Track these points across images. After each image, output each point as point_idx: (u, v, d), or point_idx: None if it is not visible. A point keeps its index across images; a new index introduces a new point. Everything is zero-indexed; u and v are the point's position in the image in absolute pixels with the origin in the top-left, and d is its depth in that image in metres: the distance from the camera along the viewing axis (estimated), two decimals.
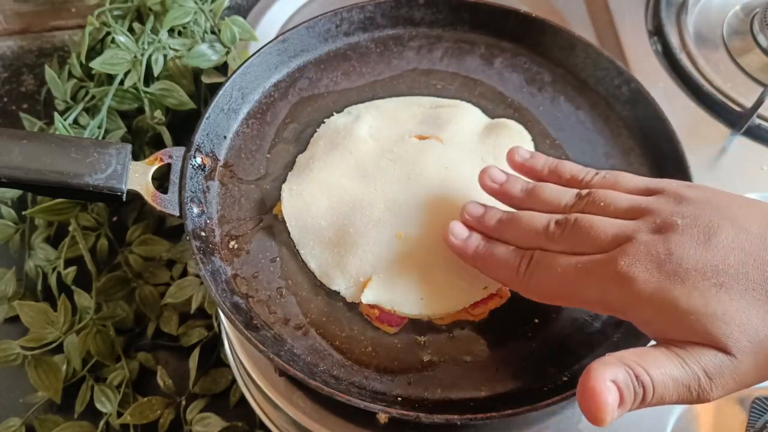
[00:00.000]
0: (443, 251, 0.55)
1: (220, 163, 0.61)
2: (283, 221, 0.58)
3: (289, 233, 0.58)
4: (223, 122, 0.62)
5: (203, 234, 0.57)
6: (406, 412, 0.48)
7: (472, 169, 0.60)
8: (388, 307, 0.54)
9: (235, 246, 0.57)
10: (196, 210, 0.57)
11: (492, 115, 0.65)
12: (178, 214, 0.56)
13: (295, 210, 0.58)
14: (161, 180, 0.59)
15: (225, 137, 0.62)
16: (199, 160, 0.59)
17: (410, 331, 0.54)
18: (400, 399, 0.51)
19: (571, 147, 0.64)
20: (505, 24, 0.69)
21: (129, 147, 0.56)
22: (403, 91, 0.67)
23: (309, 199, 0.59)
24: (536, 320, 0.55)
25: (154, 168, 0.57)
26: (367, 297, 0.54)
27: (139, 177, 0.56)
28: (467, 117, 0.64)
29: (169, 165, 0.58)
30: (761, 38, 0.74)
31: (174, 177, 0.57)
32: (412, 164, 0.60)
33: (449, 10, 0.70)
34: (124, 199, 0.56)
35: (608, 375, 0.40)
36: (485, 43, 0.70)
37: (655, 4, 0.79)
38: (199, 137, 0.59)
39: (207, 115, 0.60)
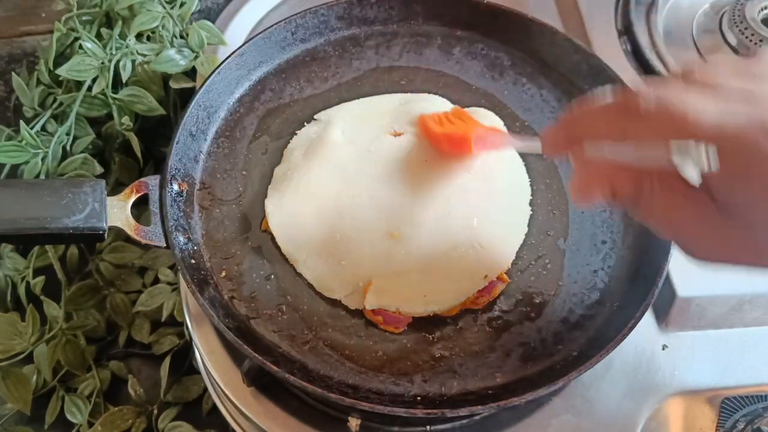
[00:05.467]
0: (439, 245, 0.55)
1: (197, 186, 0.60)
2: (272, 237, 0.57)
3: (279, 248, 0.57)
4: (194, 144, 0.61)
5: (193, 261, 0.55)
6: (430, 411, 0.48)
7: (452, 160, 0.60)
8: (393, 308, 0.54)
9: (227, 268, 0.56)
10: (182, 239, 0.55)
11: (460, 105, 0.65)
12: (165, 246, 0.54)
13: (282, 224, 0.57)
14: (138, 208, 0.57)
15: (197, 159, 0.61)
16: (176, 186, 0.57)
17: (417, 328, 0.54)
18: (419, 398, 0.51)
19: (540, 126, 0.65)
20: (458, 13, 0.70)
21: (103, 183, 0.54)
22: (368, 91, 0.67)
23: (294, 211, 0.58)
24: (537, 300, 0.56)
25: (131, 201, 0.55)
26: (371, 302, 0.53)
27: (118, 212, 0.54)
28: (437, 109, 0.64)
29: (146, 195, 0.56)
30: (730, 36, 0.75)
31: (154, 207, 0.55)
32: (392, 161, 0.60)
33: (401, 5, 0.70)
34: (105, 237, 0.54)
35: None
36: (441, 34, 0.70)
37: (624, 4, 0.79)
38: (172, 163, 0.58)
39: (176, 139, 0.59)
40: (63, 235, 0.52)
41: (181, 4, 0.78)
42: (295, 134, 0.63)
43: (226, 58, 0.64)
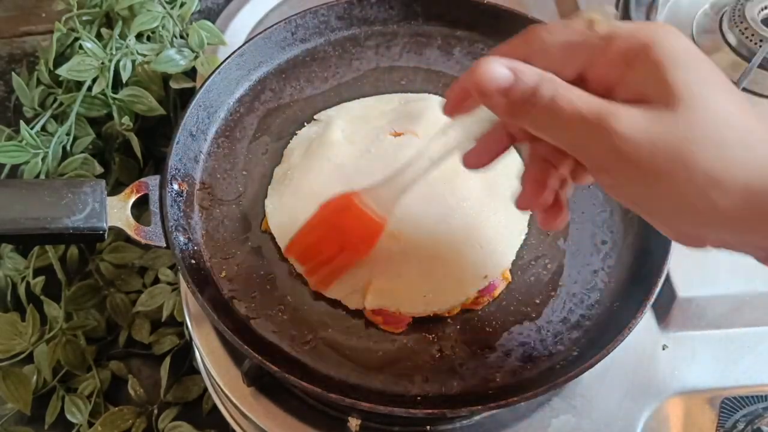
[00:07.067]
0: (440, 245, 0.55)
1: (197, 186, 0.60)
2: (272, 237, 0.57)
3: (279, 248, 0.57)
4: (194, 144, 0.61)
5: (193, 261, 0.55)
6: (430, 411, 0.48)
7: (452, 160, 0.60)
8: (393, 309, 0.54)
9: (227, 268, 0.56)
10: (182, 239, 0.55)
11: None
12: (165, 246, 0.54)
13: (282, 224, 0.57)
14: (138, 208, 0.57)
15: (197, 159, 0.61)
16: (176, 186, 0.57)
17: (417, 328, 0.54)
18: (419, 398, 0.51)
19: None
20: (458, 13, 0.70)
21: (103, 183, 0.54)
22: (369, 91, 0.67)
23: (294, 211, 0.58)
24: (537, 300, 0.56)
25: (131, 201, 0.55)
26: (371, 302, 0.53)
27: (118, 212, 0.54)
28: (437, 109, 0.63)
29: (146, 195, 0.56)
30: (730, 37, 0.74)
31: (154, 207, 0.55)
32: (392, 162, 0.59)
33: (401, 5, 0.70)
34: (105, 238, 0.54)
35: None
36: (441, 34, 0.70)
37: (624, 4, 0.79)
38: (172, 163, 0.58)
39: (176, 139, 0.59)
40: (63, 235, 0.52)
41: (181, 4, 0.78)
42: (295, 134, 0.63)
43: (226, 58, 0.64)
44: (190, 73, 0.76)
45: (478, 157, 0.46)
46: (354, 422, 0.53)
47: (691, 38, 0.78)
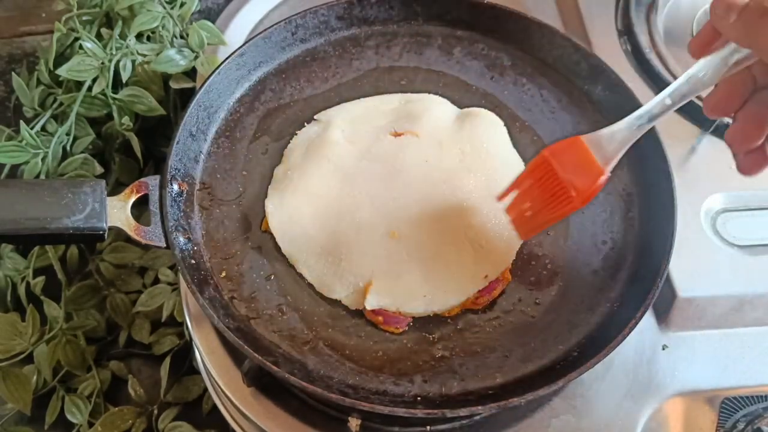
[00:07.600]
0: (440, 245, 0.55)
1: (197, 187, 0.60)
2: (272, 237, 0.57)
3: (279, 248, 0.57)
4: (194, 145, 0.61)
5: (193, 261, 0.55)
6: (430, 411, 0.48)
7: (452, 160, 0.61)
8: (393, 309, 0.54)
9: (227, 268, 0.56)
10: (182, 239, 0.55)
11: (460, 105, 0.66)
12: (165, 246, 0.54)
13: (282, 224, 0.57)
14: (138, 208, 0.57)
15: (197, 159, 0.61)
16: (176, 187, 0.57)
17: (418, 328, 0.54)
18: (419, 399, 0.51)
19: (540, 126, 0.65)
20: (458, 13, 0.70)
21: (103, 183, 0.54)
22: (369, 91, 0.67)
23: (294, 211, 0.58)
24: (537, 301, 0.56)
25: (131, 201, 0.55)
26: (371, 302, 0.53)
27: (117, 212, 0.54)
28: (438, 109, 0.64)
29: (146, 195, 0.56)
30: None
31: (153, 207, 0.55)
32: (392, 162, 0.60)
33: (401, 5, 0.70)
34: (105, 238, 0.54)
35: None
36: (441, 34, 0.70)
37: (624, 4, 0.79)
38: (172, 163, 0.57)
39: (176, 139, 0.58)
40: (63, 235, 0.52)
41: (181, 4, 0.78)
42: (295, 134, 0.63)
43: (226, 58, 0.64)
44: (190, 73, 0.76)
45: (719, 102, 0.47)
46: (354, 422, 0.53)
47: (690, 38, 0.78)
